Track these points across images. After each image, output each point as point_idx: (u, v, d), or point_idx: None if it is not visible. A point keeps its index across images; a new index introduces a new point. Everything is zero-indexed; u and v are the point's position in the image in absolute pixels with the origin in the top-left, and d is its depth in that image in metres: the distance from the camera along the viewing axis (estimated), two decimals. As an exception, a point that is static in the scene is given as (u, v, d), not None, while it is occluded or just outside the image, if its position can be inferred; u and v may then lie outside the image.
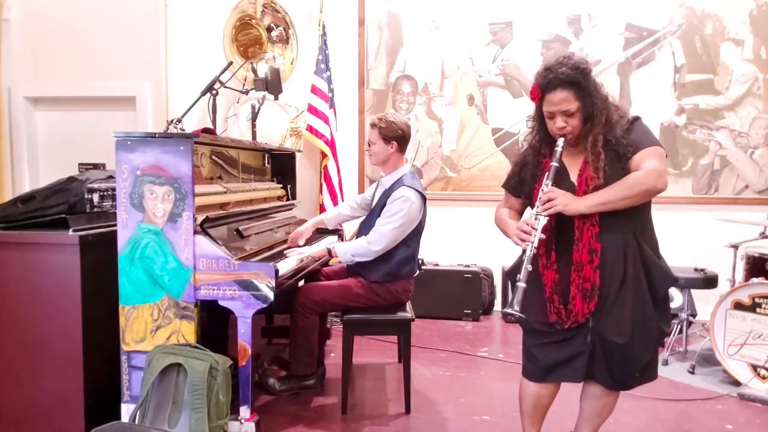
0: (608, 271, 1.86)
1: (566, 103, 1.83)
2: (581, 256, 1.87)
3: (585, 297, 1.87)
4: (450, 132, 4.72)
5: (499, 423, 2.67)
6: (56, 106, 4.00)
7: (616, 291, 1.86)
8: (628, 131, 1.88)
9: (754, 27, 4.34)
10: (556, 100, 1.83)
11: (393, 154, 2.79)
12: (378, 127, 2.77)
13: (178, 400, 2.09)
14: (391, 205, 2.67)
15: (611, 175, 1.84)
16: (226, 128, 4.29)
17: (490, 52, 4.64)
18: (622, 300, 1.86)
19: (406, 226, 2.67)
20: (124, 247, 2.23)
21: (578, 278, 1.88)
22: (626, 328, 1.86)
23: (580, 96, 1.83)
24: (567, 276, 1.90)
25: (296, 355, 2.80)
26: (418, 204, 2.69)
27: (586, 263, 1.86)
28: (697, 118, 4.45)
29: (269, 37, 4.20)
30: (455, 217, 4.67)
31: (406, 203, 2.64)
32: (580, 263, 1.87)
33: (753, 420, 2.73)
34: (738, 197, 4.42)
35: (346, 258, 2.74)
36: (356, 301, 2.77)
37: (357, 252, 2.70)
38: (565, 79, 1.81)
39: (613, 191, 1.81)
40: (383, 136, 2.76)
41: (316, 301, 2.73)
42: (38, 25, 3.86)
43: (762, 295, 3.03)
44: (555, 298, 1.91)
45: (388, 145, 2.77)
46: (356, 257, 2.72)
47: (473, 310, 4.40)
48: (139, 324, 2.25)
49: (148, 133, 2.24)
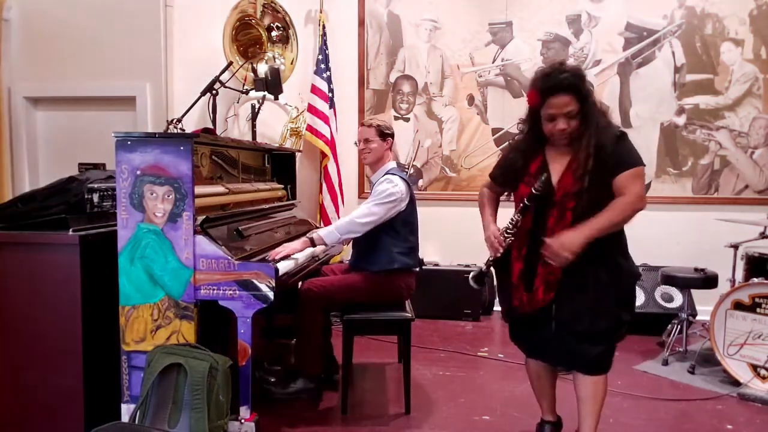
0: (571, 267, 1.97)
1: (568, 106, 1.97)
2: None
3: (547, 287, 2.06)
4: (450, 132, 4.72)
5: (499, 423, 2.67)
6: (56, 106, 3.99)
7: (576, 284, 2.02)
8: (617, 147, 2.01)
9: (754, 27, 4.34)
10: (560, 103, 1.97)
11: (386, 151, 2.94)
12: (375, 125, 2.91)
13: (178, 400, 2.09)
14: (375, 187, 2.79)
15: (594, 184, 1.98)
16: (226, 128, 4.28)
17: (490, 52, 4.64)
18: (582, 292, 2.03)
19: (388, 204, 2.72)
20: (124, 247, 2.23)
21: (545, 271, 2.05)
22: (584, 316, 2.02)
23: (580, 99, 1.98)
24: (534, 267, 2.07)
25: (302, 353, 2.77)
26: (402, 186, 2.76)
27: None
28: (697, 118, 4.45)
29: (269, 37, 4.19)
30: (455, 217, 4.67)
31: (389, 183, 2.75)
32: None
33: (753, 420, 2.73)
34: (738, 197, 4.43)
35: (332, 238, 2.70)
36: (359, 294, 2.77)
37: (342, 228, 2.71)
38: (568, 83, 1.96)
39: (606, 219, 1.95)
40: (380, 134, 2.90)
41: (319, 296, 2.70)
42: (38, 25, 3.85)
43: (762, 295, 3.03)
44: (520, 286, 2.12)
45: (384, 142, 2.91)
46: (343, 234, 2.72)
47: (473, 310, 4.40)
48: (139, 324, 2.25)
49: (148, 133, 2.24)
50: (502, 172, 2.24)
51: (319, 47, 4.48)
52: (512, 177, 2.17)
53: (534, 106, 2.04)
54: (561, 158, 2.07)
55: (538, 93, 2.00)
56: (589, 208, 1.98)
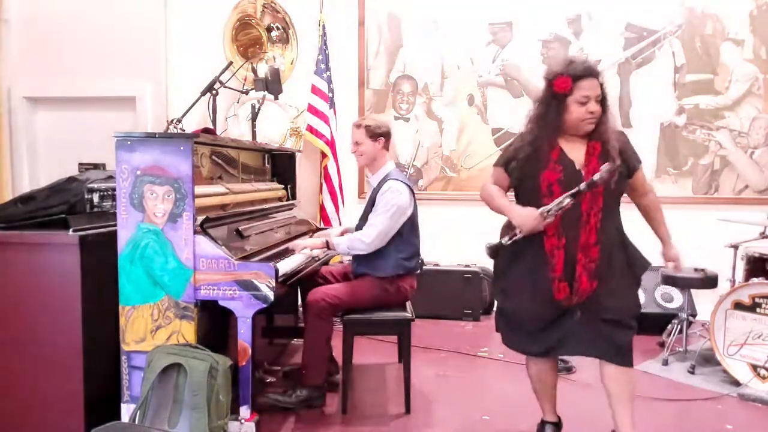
0: (605, 254, 2.06)
1: (597, 89, 2.06)
2: (588, 237, 2.05)
3: (590, 276, 2.05)
4: (450, 132, 4.72)
5: (499, 423, 2.67)
6: (56, 106, 4.00)
7: (605, 272, 2.07)
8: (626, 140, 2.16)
9: (754, 27, 4.34)
10: (591, 86, 2.05)
11: (380, 151, 2.85)
12: (363, 126, 2.83)
13: (178, 400, 2.09)
14: (379, 198, 2.72)
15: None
16: (226, 128, 4.29)
17: (490, 52, 4.64)
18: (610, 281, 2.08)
19: (396, 217, 2.70)
20: (124, 247, 2.23)
21: (585, 258, 2.05)
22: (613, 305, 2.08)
23: (602, 85, 2.08)
24: (573, 256, 2.06)
25: (309, 363, 2.71)
26: (406, 195, 2.73)
27: (592, 245, 2.05)
28: (697, 118, 4.45)
29: (269, 37, 4.20)
30: (455, 217, 4.67)
31: (394, 194, 2.69)
32: (586, 244, 2.05)
33: (753, 420, 2.73)
34: (738, 197, 4.43)
35: (342, 249, 2.76)
36: (368, 300, 2.75)
37: (353, 246, 2.72)
38: (596, 69, 2.08)
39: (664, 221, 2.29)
40: (370, 134, 2.82)
41: (331, 305, 2.66)
42: (38, 25, 3.85)
43: (762, 295, 3.03)
44: (563, 277, 2.08)
45: (375, 142, 2.83)
46: (352, 250, 2.74)
47: (473, 310, 4.40)
48: (139, 324, 2.25)
49: (148, 133, 2.24)
50: (520, 163, 2.16)
51: (319, 47, 4.48)
52: (532, 166, 2.12)
53: (564, 91, 2.05)
54: (577, 146, 2.12)
55: (570, 77, 2.03)
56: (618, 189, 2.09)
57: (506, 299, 2.25)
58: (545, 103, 2.12)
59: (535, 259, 2.12)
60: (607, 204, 2.06)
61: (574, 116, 2.07)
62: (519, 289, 2.18)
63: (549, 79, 2.09)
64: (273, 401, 2.69)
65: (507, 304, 2.25)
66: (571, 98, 2.06)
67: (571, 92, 2.05)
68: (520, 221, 2.08)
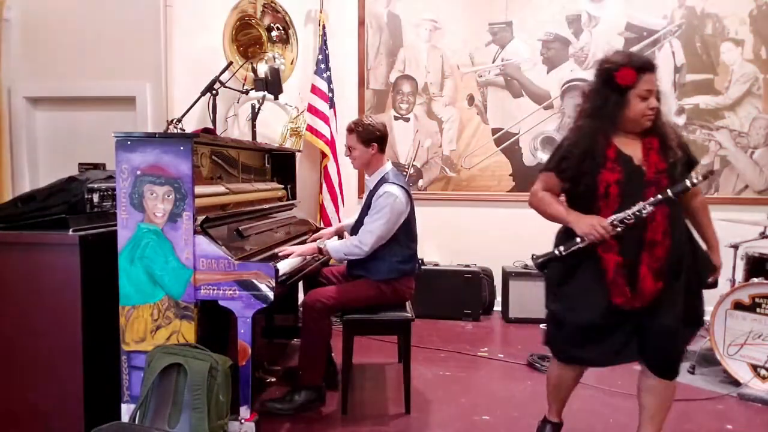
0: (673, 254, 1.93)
1: (657, 84, 1.97)
2: (654, 235, 1.93)
3: (655, 276, 1.92)
4: (450, 132, 4.72)
5: (499, 423, 2.67)
6: (56, 106, 4.00)
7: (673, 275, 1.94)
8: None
9: (754, 27, 4.34)
10: (653, 80, 1.96)
11: (374, 155, 2.81)
12: (356, 131, 2.79)
13: (178, 400, 2.09)
14: (376, 202, 2.69)
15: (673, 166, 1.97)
16: (226, 128, 4.28)
17: (490, 52, 4.64)
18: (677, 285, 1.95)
19: (393, 222, 2.68)
20: (124, 247, 2.23)
21: (650, 258, 1.93)
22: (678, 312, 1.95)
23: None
24: (633, 257, 1.94)
25: (307, 364, 2.70)
26: (402, 198, 2.69)
27: (658, 243, 1.93)
28: (697, 118, 4.45)
29: (269, 37, 4.19)
30: (455, 217, 4.67)
31: (390, 198, 2.65)
32: (652, 242, 1.93)
33: (753, 420, 2.73)
34: (738, 197, 4.43)
35: (338, 256, 2.75)
36: (363, 299, 2.74)
37: (349, 251, 2.71)
38: (654, 63, 1.99)
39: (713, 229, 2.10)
40: (362, 140, 2.78)
41: (329, 307, 2.66)
42: (38, 25, 3.85)
43: (762, 295, 3.03)
44: (619, 280, 1.95)
45: (368, 148, 2.79)
46: (348, 256, 2.74)
47: (473, 310, 4.40)
48: (139, 324, 2.25)
49: (148, 133, 2.24)
50: (574, 161, 2.01)
51: (319, 47, 4.48)
52: (588, 164, 1.98)
53: (628, 84, 1.94)
54: (632, 143, 2.00)
55: (635, 70, 1.94)
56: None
57: (569, 311, 2.04)
58: (603, 96, 1.99)
59: (598, 266, 1.98)
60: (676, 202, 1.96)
61: (635, 111, 1.96)
62: (585, 300, 2.01)
63: (610, 71, 1.97)
64: (271, 409, 2.68)
65: (570, 317, 2.04)
66: (633, 92, 1.94)
67: (635, 85, 1.94)
68: (586, 230, 1.95)
